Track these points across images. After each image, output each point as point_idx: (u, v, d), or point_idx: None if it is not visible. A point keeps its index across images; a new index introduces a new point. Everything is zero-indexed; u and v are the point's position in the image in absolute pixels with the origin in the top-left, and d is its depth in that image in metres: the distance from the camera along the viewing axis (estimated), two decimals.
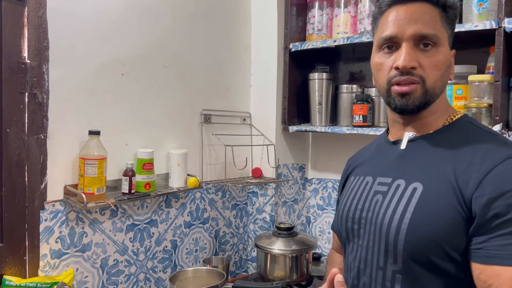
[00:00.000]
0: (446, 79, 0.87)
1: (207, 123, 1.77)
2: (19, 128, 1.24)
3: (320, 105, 1.85)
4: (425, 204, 0.80)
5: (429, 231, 0.78)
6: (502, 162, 0.75)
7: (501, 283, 0.70)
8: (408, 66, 0.82)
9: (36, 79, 1.26)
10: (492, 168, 0.75)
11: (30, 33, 1.25)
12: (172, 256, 1.66)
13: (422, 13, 0.83)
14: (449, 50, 0.87)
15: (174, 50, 1.65)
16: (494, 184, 0.73)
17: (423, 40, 0.83)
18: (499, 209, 0.72)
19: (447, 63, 0.86)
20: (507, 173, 0.74)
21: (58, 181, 1.33)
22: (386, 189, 0.88)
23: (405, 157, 0.89)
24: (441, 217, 0.77)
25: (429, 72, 0.83)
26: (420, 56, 0.83)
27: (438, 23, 0.84)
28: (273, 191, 1.90)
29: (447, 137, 0.86)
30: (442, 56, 0.84)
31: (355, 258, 0.92)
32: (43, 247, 1.30)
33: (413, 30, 0.83)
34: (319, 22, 1.85)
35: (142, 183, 1.47)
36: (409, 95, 0.84)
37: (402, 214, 0.81)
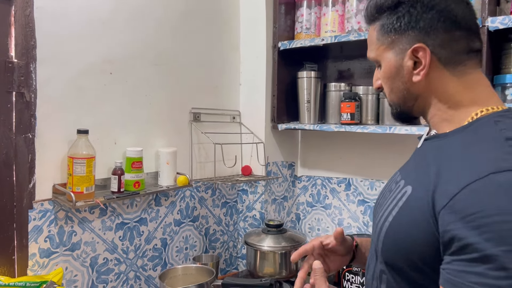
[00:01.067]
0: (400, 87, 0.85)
1: (197, 122, 1.78)
2: (7, 127, 1.24)
3: (309, 103, 1.86)
4: (406, 211, 0.77)
5: (401, 239, 0.76)
6: (485, 177, 0.64)
7: None
8: (374, 87, 0.93)
9: (23, 78, 1.25)
10: (469, 183, 0.65)
11: (17, 32, 1.24)
12: (162, 254, 1.67)
13: (368, 37, 0.90)
14: (391, 59, 0.84)
15: (163, 48, 1.65)
16: (463, 203, 0.65)
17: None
18: (457, 232, 0.64)
19: (390, 74, 0.86)
20: (482, 191, 0.64)
21: (47, 180, 1.33)
22: (394, 188, 0.87)
23: (415, 156, 0.88)
24: (415, 227, 0.73)
25: (384, 88, 0.90)
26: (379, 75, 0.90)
27: (374, 42, 0.87)
28: (263, 189, 1.91)
29: (457, 139, 0.77)
30: (383, 70, 0.87)
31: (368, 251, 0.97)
32: (32, 246, 1.30)
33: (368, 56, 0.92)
34: (308, 20, 1.87)
35: (131, 182, 1.47)
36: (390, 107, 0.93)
37: (387, 216, 0.81)
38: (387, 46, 0.84)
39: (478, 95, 0.79)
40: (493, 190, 0.63)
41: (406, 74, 0.82)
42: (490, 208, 0.62)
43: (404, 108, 0.87)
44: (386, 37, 0.84)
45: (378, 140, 1.83)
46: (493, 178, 0.64)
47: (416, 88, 0.83)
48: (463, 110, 0.79)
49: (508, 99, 1.38)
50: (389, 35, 0.83)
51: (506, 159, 0.66)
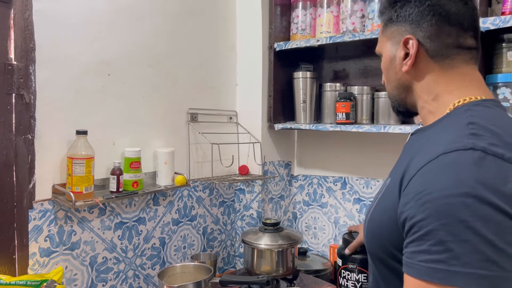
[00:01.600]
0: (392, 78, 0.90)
1: (194, 122, 1.80)
2: (7, 128, 1.26)
3: (305, 103, 1.89)
4: (381, 201, 0.82)
5: (376, 229, 0.80)
6: (435, 158, 0.68)
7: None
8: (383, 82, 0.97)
9: (23, 80, 1.27)
10: (422, 165, 0.69)
11: (16, 34, 1.26)
12: (161, 253, 1.69)
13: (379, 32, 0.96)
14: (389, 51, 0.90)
15: (160, 50, 1.67)
16: (414, 184, 0.69)
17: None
18: (409, 212, 0.68)
19: (386, 66, 0.92)
20: (430, 171, 0.67)
21: (46, 181, 1.35)
22: (384, 181, 0.91)
23: (402, 151, 0.91)
24: (385, 215, 0.77)
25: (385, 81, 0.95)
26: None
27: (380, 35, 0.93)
28: (260, 188, 1.93)
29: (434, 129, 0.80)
30: (383, 60, 0.93)
31: None
32: (32, 246, 1.32)
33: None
34: (303, 22, 1.89)
35: (129, 182, 1.49)
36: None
37: (369, 210, 0.87)
38: (387, 37, 0.90)
39: (461, 88, 0.81)
40: (438, 169, 0.66)
41: (397, 64, 0.87)
42: (432, 186, 0.65)
43: (399, 100, 0.92)
44: (387, 29, 0.90)
45: (372, 139, 1.85)
46: (441, 158, 0.67)
47: (406, 79, 0.87)
48: (444, 102, 0.82)
49: (500, 98, 1.40)
50: (389, 27, 0.89)
51: (459, 141, 0.68)
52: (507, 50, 1.41)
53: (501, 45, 1.42)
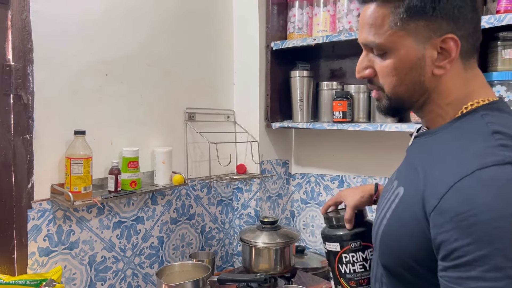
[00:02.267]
0: (416, 80, 0.76)
1: (191, 121, 1.80)
2: (5, 129, 1.27)
3: (302, 102, 1.90)
4: (398, 213, 0.75)
5: (395, 242, 0.74)
6: (471, 174, 0.63)
7: None
8: (358, 77, 0.82)
9: (21, 81, 1.28)
10: (456, 181, 0.63)
11: (14, 35, 1.27)
12: (159, 252, 1.70)
13: (368, 17, 0.77)
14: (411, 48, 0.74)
15: (157, 49, 1.68)
16: (450, 202, 0.63)
17: (371, 48, 0.78)
18: (448, 234, 0.62)
19: (406, 65, 0.75)
20: (469, 188, 0.62)
21: (45, 181, 1.36)
22: (389, 189, 0.84)
23: (408, 155, 0.84)
24: (406, 229, 0.71)
25: (383, 79, 0.78)
26: (376, 62, 0.79)
27: (386, 25, 0.75)
28: (258, 187, 1.94)
29: (446, 134, 0.75)
30: (395, 60, 0.75)
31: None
32: (31, 245, 1.33)
33: (360, 38, 0.80)
34: (300, 21, 1.90)
35: (127, 181, 1.50)
36: (377, 100, 0.83)
37: (382, 219, 0.79)
38: (408, 32, 0.74)
39: (472, 90, 0.76)
40: (478, 188, 0.61)
41: (426, 65, 0.74)
42: (476, 207, 0.60)
43: (406, 102, 0.79)
44: (409, 22, 0.73)
45: (369, 137, 1.86)
46: (478, 175, 0.62)
47: (431, 82, 0.76)
48: (456, 105, 0.76)
49: None
50: (414, 20, 0.73)
51: (491, 153, 0.64)
52: (502, 48, 1.42)
53: (496, 43, 1.43)
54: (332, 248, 1.10)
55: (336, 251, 1.08)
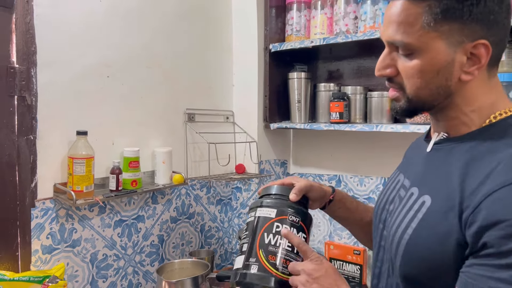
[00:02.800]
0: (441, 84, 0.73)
1: (191, 122, 1.84)
2: (9, 129, 1.30)
3: (300, 103, 1.93)
4: (428, 223, 0.72)
5: (425, 254, 0.71)
6: (509, 185, 0.63)
7: None
8: (378, 75, 0.79)
9: (24, 83, 1.31)
10: (494, 190, 0.63)
11: (18, 38, 1.30)
12: (159, 250, 1.73)
13: (398, 14, 0.73)
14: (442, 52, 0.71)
15: (158, 51, 1.71)
16: (489, 209, 0.63)
17: (396, 46, 0.75)
18: (489, 238, 0.62)
19: (434, 68, 0.72)
20: (508, 198, 0.62)
21: (48, 180, 1.39)
22: (404, 195, 0.82)
23: (427, 161, 0.80)
24: (439, 240, 0.69)
25: (406, 80, 0.75)
26: (399, 61, 0.76)
27: (417, 24, 0.71)
28: (256, 186, 1.98)
29: (478, 142, 0.72)
30: (423, 61, 0.72)
31: (377, 257, 0.90)
32: (34, 243, 1.36)
33: (384, 36, 0.76)
34: (298, 23, 1.93)
35: (128, 181, 1.53)
36: (394, 100, 0.80)
37: (405, 229, 0.76)
38: (441, 34, 0.70)
39: (496, 98, 0.75)
40: None
41: (455, 70, 0.72)
42: None
43: (426, 105, 0.77)
44: (443, 23, 0.70)
45: (366, 137, 1.90)
46: None
47: (456, 87, 0.74)
48: (482, 114, 0.74)
49: None
50: (449, 22, 0.70)
51: None
52: None
53: None
54: (263, 214, 0.93)
55: (269, 218, 0.92)
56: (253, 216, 0.94)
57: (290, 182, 1.00)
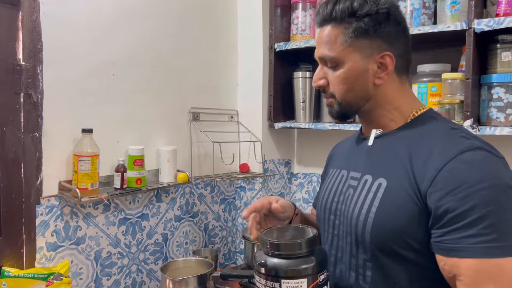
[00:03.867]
0: (361, 87, 0.92)
1: (196, 121, 1.84)
2: (15, 127, 1.30)
3: (304, 102, 1.93)
4: (388, 199, 0.86)
5: (391, 224, 0.84)
6: (454, 158, 0.80)
7: (461, 272, 0.77)
8: (315, 86, 0.97)
9: (31, 80, 1.32)
10: (444, 164, 0.80)
11: (24, 36, 1.31)
12: (163, 248, 1.74)
13: (324, 36, 0.93)
14: (357, 62, 0.91)
15: (163, 50, 1.71)
16: (445, 181, 0.79)
17: (326, 62, 0.94)
18: (449, 204, 0.77)
19: (354, 75, 0.91)
20: (456, 169, 0.79)
21: (53, 177, 1.39)
22: (356, 184, 0.95)
23: (372, 153, 0.96)
24: (402, 211, 0.84)
25: (335, 87, 0.94)
26: (329, 74, 0.94)
27: (338, 42, 0.91)
28: (260, 186, 1.97)
29: (409, 132, 0.91)
30: (344, 71, 0.92)
31: (332, 247, 0.99)
32: (39, 240, 1.37)
33: (317, 54, 0.95)
34: (303, 22, 1.93)
35: (133, 179, 1.53)
36: (329, 106, 0.98)
37: (368, 209, 0.89)
38: (355, 48, 0.90)
39: (411, 100, 0.96)
40: (464, 167, 0.79)
41: (369, 76, 0.91)
42: (467, 181, 0.77)
43: (354, 107, 0.95)
44: (355, 40, 0.90)
45: None
46: (460, 158, 0.80)
47: (373, 90, 0.93)
48: (403, 111, 0.95)
49: (494, 97, 1.44)
50: (359, 39, 0.90)
51: (461, 143, 0.83)
52: (502, 51, 1.45)
53: (495, 46, 1.46)
54: (294, 287, 0.80)
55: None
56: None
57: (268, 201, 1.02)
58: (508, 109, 1.41)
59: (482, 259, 0.75)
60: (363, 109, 0.96)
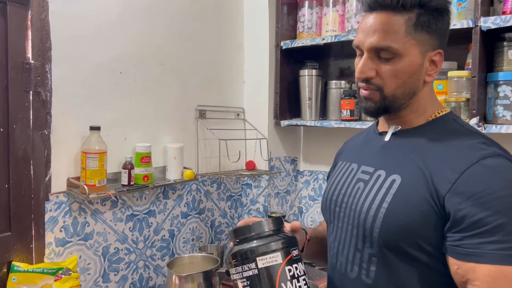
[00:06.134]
0: (413, 84, 0.88)
1: (202, 118, 1.85)
2: (25, 124, 1.32)
3: (310, 100, 1.93)
4: (402, 196, 0.85)
5: (402, 222, 0.83)
6: (476, 163, 0.79)
7: (477, 277, 0.76)
8: (362, 77, 0.89)
9: (39, 78, 1.34)
10: (465, 169, 0.79)
11: (33, 35, 1.32)
12: (170, 244, 1.75)
13: (383, 24, 0.86)
14: (416, 56, 0.86)
15: (170, 48, 1.73)
16: (466, 185, 0.78)
17: (380, 52, 0.86)
18: (469, 209, 0.76)
19: (411, 70, 0.87)
20: (478, 174, 0.78)
21: (62, 174, 1.42)
22: (368, 178, 0.93)
23: (388, 149, 0.94)
24: (415, 210, 0.82)
25: (387, 81, 0.88)
26: (380, 65, 0.87)
27: (401, 33, 0.85)
28: (266, 183, 1.99)
29: (429, 132, 0.90)
30: (402, 65, 0.86)
31: (335, 239, 0.99)
32: (48, 236, 1.39)
33: (369, 42, 0.87)
34: (309, 20, 1.93)
35: (140, 176, 1.55)
36: (369, 99, 0.91)
37: (379, 204, 0.87)
38: (417, 43, 0.86)
39: (435, 100, 0.95)
40: (487, 173, 0.79)
41: (423, 72, 0.89)
42: (490, 187, 0.77)
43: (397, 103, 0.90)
44: (417, 34, 0.85)
45: None
46: (482, 163, 0.79)
47: (421, 86, 0.90)
48: (427, 111, 0.93)
49: (501, 95, 1.44)
50: (422, 33, 0.85)
51: (482, 148, 0.82)
52: (508, 48, 1.44)
53: (502, 43, 1.45)
54: (269, 263, 0.82)
55: (278, 264, 0.82)
56: (253, 269, 0.82)
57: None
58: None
59: (501, 266, 0.74)
60: (404, 106, 0.91)
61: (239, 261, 0.84)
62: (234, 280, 0.86)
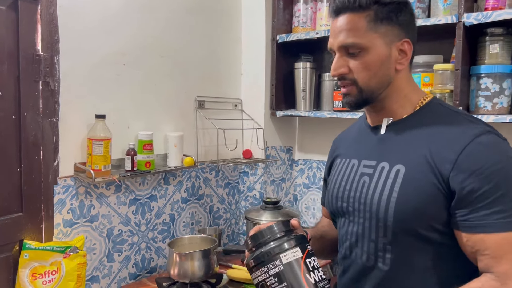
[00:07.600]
0: (385, 73, 0.95)
1: (201, 109, 1.94)
2: (35, 112, 1.41)
3: (305, 92, 2.02)
4: (409, 183, 0.90)
5: (415, 207, 0.89)
6: (471, 142, 0.86)
7: (487, 247, 0.83)
8: (336, 74, 0.97)
9: (48, 69, 1.42)
10: (463, 148, 0.86)
11: (43, 28, 1.41)
12: (171, 228, 1.85)
13: (347, 24, 0.94)
14: (382, 48, 0.93)
15: (171, 41, 1.81)
16: (466, 163, 0.85)
17: (348, 49, 0.94)
18: (473, 185, 0.83)
19: (379, 60, 0.94)
20: (475, 151, 0.86)
21: (69, 159, 1.51)
22: (372, 172, 0.98)
23: (386, 141, 0.99)
24: (424, 194, 0.88)
25: (358, 74, 0.95)
26: (350, 61, 0.95)
27: (363, 29, 0.93)
28: (262, 171, 2.08)
29: (421, 119, 0.95)
30: (370, 57, 0.93)
31: (347, 232, 1.02)
32: (56, 217, 1.48)
33: (338, 42, 0.95)
34: (304, 15, 2.01)
35: (143, 162, 1.64)
36: (348, 95, 0.98)
37: (389, 194, 0.92)
38: (380, 35, 0.93)
39: (416, 88, 1.02)
40: (482, 149, 0.86)
41: (392, 62, 0.95)
42: (487, 162, 0.85)
43: (375, 94, 0.96)
44: (379, 27, 0.93)
45: None
46: (477, 141, 0.87)
47: (393, 76, 0.96)
48: (411, 99, 0.99)
49: (482, 87, 1.52)
50: (383, 25, 0.93)
51: (473, 128, 0.90)
52: (490, 43, 1.52)
53: (484, 38, 1.53)
54: (293, 257, 0.91)
55: (299, 258, 0.92)
56: (278, 266, 0.90)
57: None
58: (495, 99, 1.50)
59: (506, 233, 0.82)
60: (381, 96, 0.97)
61: (263, 262, 0.92)
62: (260, 282, 0.92)
